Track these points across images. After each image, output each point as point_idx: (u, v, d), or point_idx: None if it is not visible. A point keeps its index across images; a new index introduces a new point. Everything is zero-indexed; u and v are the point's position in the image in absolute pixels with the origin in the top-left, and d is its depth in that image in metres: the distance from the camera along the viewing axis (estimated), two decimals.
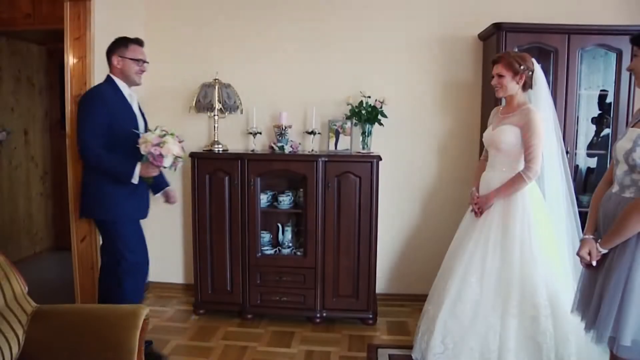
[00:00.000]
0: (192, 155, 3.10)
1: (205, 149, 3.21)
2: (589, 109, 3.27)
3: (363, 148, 3.17)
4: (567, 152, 2.99)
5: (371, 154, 3.05)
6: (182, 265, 3.60)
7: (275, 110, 3.32)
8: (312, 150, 3.19)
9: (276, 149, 3.12)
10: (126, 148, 2.39)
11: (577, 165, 3.28)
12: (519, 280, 2.23)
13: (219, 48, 3.38)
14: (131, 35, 3.28)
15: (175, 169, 2.39)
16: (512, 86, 2.37)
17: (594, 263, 1.75)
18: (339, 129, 3.17)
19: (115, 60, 2.47)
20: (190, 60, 3.40)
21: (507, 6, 3.18)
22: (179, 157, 2.32)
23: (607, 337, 1.67)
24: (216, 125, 3.23)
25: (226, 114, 3.22)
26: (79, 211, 2.62)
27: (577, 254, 1.80)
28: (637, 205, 1.59)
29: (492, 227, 2.31)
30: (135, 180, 2.37)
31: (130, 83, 2.53)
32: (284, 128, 3.14)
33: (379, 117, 3.12)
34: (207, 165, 3.08)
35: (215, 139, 3.22)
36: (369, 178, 2.96)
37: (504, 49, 2.89)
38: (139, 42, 2.53)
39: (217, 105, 3.15)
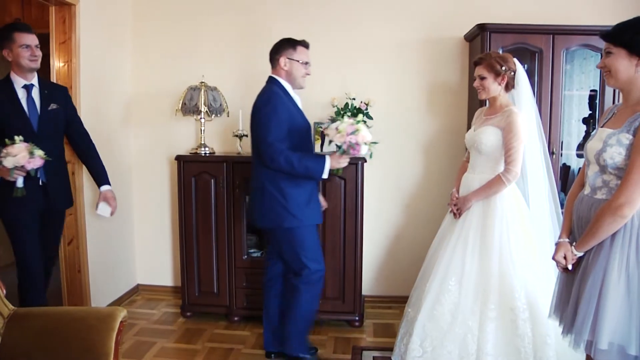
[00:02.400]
0: (178, 158, 3.11)
1: (191, 151, 3.22)
2: (580, 109, 3.27)
3: None
4: (552, 153, 3.00)
5: (356, 156, 3.05)
6: (171, 267, 3.61)
7: None
8: None
9: None
10: (303, 149, 2.37)
11: (569, 166, 3.28)
12: (497, 283, 2.21)
13: (205, 51, 3.39)
14: (116, 39, 3.34)
15: (371, 156, 2.28)
16: (494, 88, 2.36)
17: (570, 267, 1.74)
18: (324, 131, 3.16)
19: (283, 61, 2.40)
20: (176, 63, 3.41)
21: (494, 7, 3.18)
22: (374, 143, 2.27)
23: (585, 341, 1.65)
24: (203, 128, 3.23)
25: (212, 117, 3.22)
26: (257, 221, 2.49)
27: (553, 258, 1.79)
28: (609, 206, 1.58)
29: (471, 230, 2.30)
30: (326, 174, 2.34)
31: (295, 86, 2.45)
32: None
33: (364, 118, 3.12)
34: (192, 168, 3.09)
35: (202, 142, 3.22)
36: (354, 180, 2.96)
37: (489, 49, 2.89)
38: (305, 44, 2.46)
39: (203, 109, 3.15)
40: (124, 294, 3.49)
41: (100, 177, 2.65)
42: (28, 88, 2.40)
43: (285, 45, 2.42)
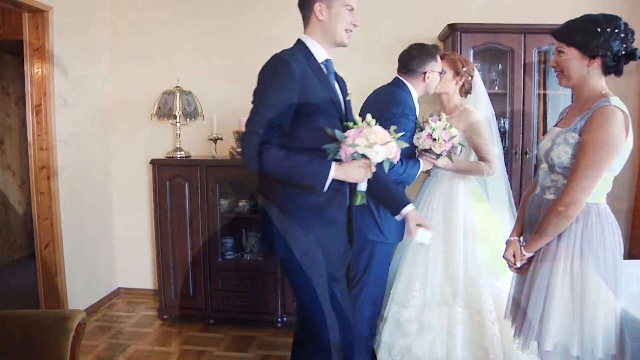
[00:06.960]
0: (153, 162, 3.13)
1: (168, 155, 3.23)
2: None
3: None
4: (526, 153, 2.99)
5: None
6: (151, 270, 3.62)
7: (237, 115, 3.33)
8: None
9: (236, 154, 3.13)
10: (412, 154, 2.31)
11: None
12: (463, 286, 2.21)
13: (179, 55, 3.41)
14: (92, 44, 3.36)
15: (460, 153, 2.29)
16: (449, 84, 2.40)
17: (518, 264, 1.74)
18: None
19: (427, 74, 2.27)
20: (152, 67, 3.44)
21: (467, 7, 3.17)
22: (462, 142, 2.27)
23: (531, 343, 1.65)
24: (178, 132, 3.25)
25: (187, 121, 3.24)
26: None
27: (503, 256, 1.79)
28: (555, 207, 1.57)
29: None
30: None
31: (425, 93, 2.38)
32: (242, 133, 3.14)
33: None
34: (167, 171, 3.11)
35: (178, 146, 3.24)
36: None
37: (460, 50, 2.90)
38: (439, 53, 2.36)
39: (178, 113, 3.17)
40: (104, 297, 3.51)
41: (399, 197, 1.97)
42: (327, 66, 1.75)
43: (429, 58, 2.28)
